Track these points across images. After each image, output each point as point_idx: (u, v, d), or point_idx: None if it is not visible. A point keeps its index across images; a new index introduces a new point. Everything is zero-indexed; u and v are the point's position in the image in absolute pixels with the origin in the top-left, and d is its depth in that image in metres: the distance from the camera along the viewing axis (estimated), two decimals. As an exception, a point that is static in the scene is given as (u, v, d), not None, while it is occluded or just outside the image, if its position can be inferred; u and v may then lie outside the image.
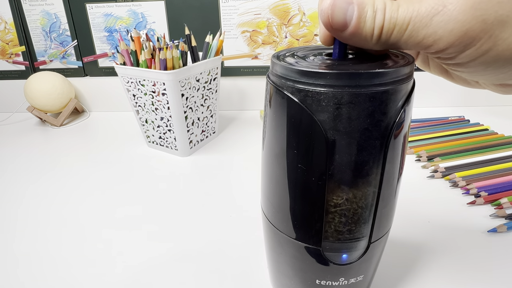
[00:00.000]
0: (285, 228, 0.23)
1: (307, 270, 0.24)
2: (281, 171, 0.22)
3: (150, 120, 0.56)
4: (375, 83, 0.17)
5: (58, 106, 0.72)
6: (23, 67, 0.79)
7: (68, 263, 0.35)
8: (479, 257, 0.33)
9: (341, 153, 0.19)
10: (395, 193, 0.22)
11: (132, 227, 0.40)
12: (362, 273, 0.24)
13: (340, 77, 0.17)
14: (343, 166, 0.20)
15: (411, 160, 0.52)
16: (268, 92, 0.21)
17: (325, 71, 0.18)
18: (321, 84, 0.18)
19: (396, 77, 0.18)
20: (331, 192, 0.20)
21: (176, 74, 0.49)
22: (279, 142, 0.21)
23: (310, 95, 0.18)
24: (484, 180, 0.43)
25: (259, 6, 0.68)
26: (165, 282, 0.32)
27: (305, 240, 0.23)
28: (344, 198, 0.21)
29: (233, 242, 0.36)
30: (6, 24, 0.76)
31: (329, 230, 0.22)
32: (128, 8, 0.72)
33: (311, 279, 0.25)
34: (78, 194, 0.47)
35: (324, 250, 0.23)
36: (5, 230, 0.40)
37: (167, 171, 0.52)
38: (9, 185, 0.50)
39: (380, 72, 0.17)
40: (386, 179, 0.20)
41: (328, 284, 0.24)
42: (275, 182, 0.23)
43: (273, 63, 0.20)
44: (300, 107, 0.19)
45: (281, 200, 0.23)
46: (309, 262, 0.24)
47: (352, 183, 0.20)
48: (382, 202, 0.21)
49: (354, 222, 0.21)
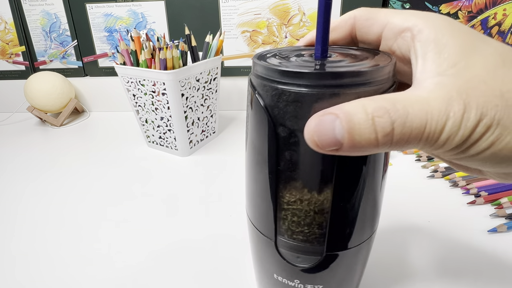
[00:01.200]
0: (252, 217, 0.24)
1: (266, 262, 0.25)
2: (250, 163, 0.23)
3: (150, 120, 0.56)
4: (322, 84, 0.17)
5: (58, 106, 0.72)
6: (23, 67, 0.79)
7: (67, 262, 0.35)
8: (479, 257, 0.33)
9: (291, 151, 0.19)
10: (359, 206, 0.20)
11: (132, 227, 0.40)
12: (320, 283, 0.23)
13: (286, 74, 0.17)
14: (292, 164, 0.20)
15: (411, 160, 0.52)
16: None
17: (279, 69, 0.18)
18: (273, 80, 0.18)
19: (361, 82, 0.17)
20: (285, 188, 0.21)
21: (176, 74, 0.49)
22: (249, 136, 0.22)
23: (265, 90, 0.19)
24: (484, 180, 0.43)
25: (259, 6, 0.68)
26: (163, 282, 0.32)
27: (263, 230, 0.23)
28: (297, 197, 0.21)
29: (233, 242, 0.36)
30: (6, 24, 0.76)
31: (283, 226, 0.22)
32: (128, 8, 0.72)
33: (270, 272, 0.25)
34: (78, 193, 0.47)
35: (279, 245, 0.23)
36: (4, 230, 0.40)
37: (167, 171, 0.52)
38: (9, 185, 0.50)
39: (331, 73, 0.17)
40: (342, 187, 0.19)
41: (285, 282, 0.24)
42: (247, 172, 0.24)
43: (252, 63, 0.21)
44: (257, 102, 0.19)
45: (249, 190, 0.24)
46: (267, 253, 0.24)
47: (303, 183, 0.20)
48: (338, 211, 0.20)
49: (307, 224, 0.21)
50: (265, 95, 0.19)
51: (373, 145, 0.15)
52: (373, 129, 0.15)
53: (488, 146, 0.15)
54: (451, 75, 0.15)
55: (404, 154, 0.53)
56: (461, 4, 0.65)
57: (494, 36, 0.67)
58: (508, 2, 0.64)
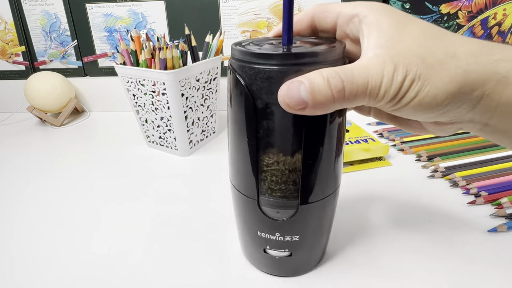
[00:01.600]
0: (236, 183, 0.28)
1: (250, 221, 0.29)
2: (232, 136, 0.27)
3: (150, 120, 0.56)
4: (289, 63, 0.21)
5: (58, 106, 0.72)
6: (23, 67, 0.79)
7: (66, 263, 0.35)
8: (479, 257, 0.33)
9: (267, 120, 0.24)
10: (324, 164, 0.25)
11: (131, 227, 0.40)
12: (296, 233, 0.28)
13: (261, 56, 0.22)
14: (269, 131, 0.24)
15: (411, 160, 0.52)
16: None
17: (253, 52, 0.22)
18: (250, 61, 0.22)
19: (317, 60, 0.22)
20: (264, 153, 0.25)
21: (176, 74, 0.49)
22: (231, 112, 0.26)
23: (244, 70, 0.23)
24: (484, 179, 0.43)
25: (259, 6, 0.68)
26: (163, 283, 0.32)
27: (246, 193, 0.27)
28: (274, 159, 0.25)
29: (233, 241, 0.36)
30: (6, 24, 0.76)
31: (264, 186, 0.26)
32: (128, 8, 0.72)
33: (254, 230, 0.29)
34: (78, 193, 0.47)
35: (261, 204, 0.27)
36: (4, 230, 0.40)
37: (167, 171, 0.52)
38: (9, 185, 0.50)
39: (301, 54, 0.21)
40: (309, 149, 0.24)
41: (267, 237, 0.29)
42: (231, 145, 0.27)
43: (231, 49, 0.25)
44: (237, 80, 0.23)
45: (232, 160, 0.28)
46: (251, 213, 0.28)
47: (279, 147, 0.25)
48: (308, 169, 0.25)
49: (283, 182, 0.26)
50: (244, 75, 0.23)
51: (330, 101, 0.20)
52: (328, 87, 0.19)
53: (414, 95, 0.20)
54: (386, 47, 0.20)
55: (404, 154, 0.53)
56: (461, 4, 0.65)
57: (494, 36, 0.67)
58: (508, 2, 0.64)
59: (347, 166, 0.50)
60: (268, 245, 0.29)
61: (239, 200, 0.29)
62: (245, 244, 0.32)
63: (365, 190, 0.44)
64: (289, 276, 0.32)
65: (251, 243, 0.31)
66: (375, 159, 0.52)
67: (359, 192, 0.44)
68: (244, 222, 0.30)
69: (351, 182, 0.46)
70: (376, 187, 0.45)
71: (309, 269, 0.32)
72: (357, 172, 0.49)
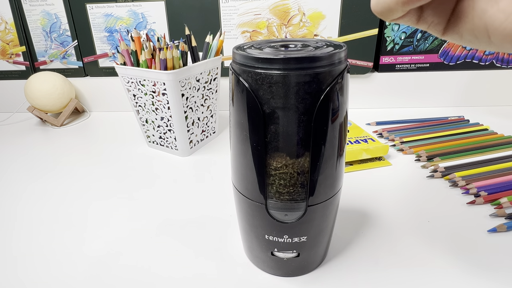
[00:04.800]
0: (242, 188, 0.28)
1: (258, 225, 0.29)
2: (237, 140, 0.26)
3: (150, 120, 0.56)
4: (299, 67, 0.22)
5: (59, 106, 0.72)
6: (23, 67, 0.79)
7: (66, 262, 0.35)
8: (479, 256, 0.33)
9: (275, 124, 0.24)
10: (329, 165, 0.26)
11: (132, 227, 0.40)
12: (304, 234, 0.28)
13: (270, 61, 0.22)
14: (277, 135, 0.24)
15: (411, 160, 0.52)
16: (230, 76, 0.26)
17: (258, 57, 0.22)
18: (257, 67, 0.22)
19: (320, 65, 0.22)
20: (271, 157, 0.25)
21: (176, 74, 0.49)
22: (235, 117, 0.26)
23: (250, 76, 0.23)
24: (484, 179, 0.43)
25: (259, 6, 0.68)
26: (163, 283, 0.32)
27: (253, 198, 0.27)
28: (282, 163, 0.25)
29: (232, 241, 0.36)
30: (7, 24, 0.76)
31: (272, 190, 0.26)
32: (128, 9, 0.72)
33: (261, 234, 0.29)
34: (78, 193, 0.47)
35: (269, 208, 0.27)
36: (5, 230, 0.40)
37: (167, 171, 0.52)
38: (9, 185, 0.50)
39: (306, 58, 0.21)
40: (317, 149, 0.24)
41: (276, 240, 0.28)
42: (235, 150, 0.27)
43: (233, 53, 0.25)
44: (243, 86, 0.23)
45: (237, 165, 0.28)
46: (258, 218, 0.28)
47: (287, 151, 0.24)
48: (315, 171, 0.25)
49: (292, 185, 0.26)
50: (249, 80, 0.23)
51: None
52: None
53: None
54: None
55: (404, 154, 0.53)
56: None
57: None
58: (508, 2, 0.64)
59: (347, 166, 0.50)
60: (276, 247, 0.29)
61: (245, 205, 0.29)
62: (251, 248, 0.32)
63: (365, 190, 0.45)
64: (295, 276, 0.32)
65: (258, 247, 0.30)
66: (374, 159, 0.52)
67: (359, 192, 0.44)
68: (250, 227, 0.30)
69: (351, 182, 0.46)
70: (376, 187, 0.45)
71: (314, 268, 0.32)
72: (357, 172, 0.49)
